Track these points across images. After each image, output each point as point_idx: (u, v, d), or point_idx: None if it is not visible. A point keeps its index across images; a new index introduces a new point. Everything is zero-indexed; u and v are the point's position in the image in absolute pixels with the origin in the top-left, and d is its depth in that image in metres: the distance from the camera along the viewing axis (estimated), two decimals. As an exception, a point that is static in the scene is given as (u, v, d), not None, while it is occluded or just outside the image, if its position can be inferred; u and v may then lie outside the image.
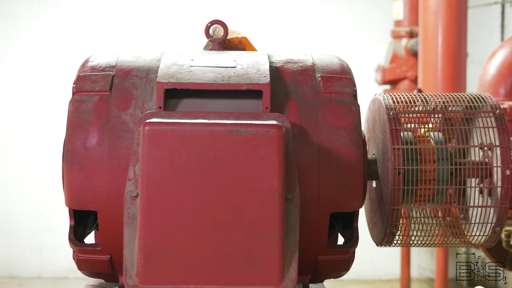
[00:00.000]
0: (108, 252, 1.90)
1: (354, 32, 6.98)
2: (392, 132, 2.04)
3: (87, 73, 1.95)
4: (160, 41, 7.07)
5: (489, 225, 2.08)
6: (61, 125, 7.02)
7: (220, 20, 2.16)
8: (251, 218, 1.57)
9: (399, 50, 5.87)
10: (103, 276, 2.05)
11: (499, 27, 6.97)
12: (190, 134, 1.56)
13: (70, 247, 1.99)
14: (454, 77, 4.77)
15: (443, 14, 4.76)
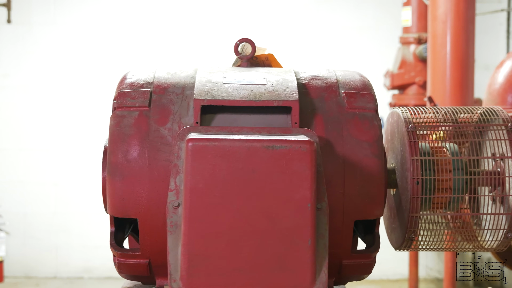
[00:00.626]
0: (147, 256, 2.04)
1: (363, 37, 7.12)
2: (411, 144, 2.18)
3: (127, 90, 2.08)
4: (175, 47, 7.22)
5: (502, 231, 2.22)
6: (76, 129, 7.23)
7: (248, 38, 2.31)
8: (285, 226, 1.71)
9: (408, 56, 6.01)
10: (141, 279, 2.19)
11: (504, 32, 7.11)
12: (230, 150, 1.71)
13: (112, 252, 2.12)
14: (462, 83, 4.91)
15: (451, 22, 4.89)
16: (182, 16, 7.25)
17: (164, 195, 1.96)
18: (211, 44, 7.20)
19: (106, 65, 7.17)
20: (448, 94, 4.87)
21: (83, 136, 7.21)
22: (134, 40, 7.21)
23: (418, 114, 2.28)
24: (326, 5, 7.17)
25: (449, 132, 2.31)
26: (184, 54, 7.20)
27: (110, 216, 2.09)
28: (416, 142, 2.19)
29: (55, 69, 7.16)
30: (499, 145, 2.25)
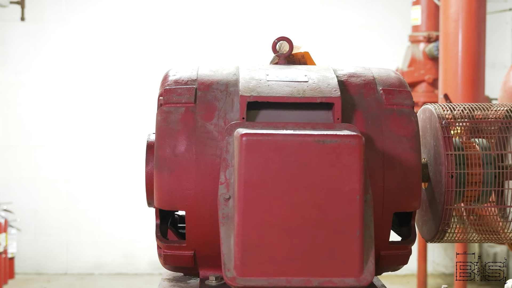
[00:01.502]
0: (192, 248, 2.11)
1: (372, 35, 7.21)
2: (445, 139, 2.26)
3: (172, 87, 2.15)
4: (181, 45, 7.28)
5: (530, 224, 2.30)
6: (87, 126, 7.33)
7: (286, 37, 2.38)
8: (335, 217, 1.78)
9: (417, 54, 6.10)
10: (184, 270, 2.26)
11: (510, 31, 7.20)
12: (283, 144, 1.78)
13: (157, 244, 2.19)
14: (473, 81, 5.00)
15: (463, 21, 4.98)
16: (186, 15, 7.35)
17: (211, 188, 2.03)
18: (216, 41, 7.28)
19: (117, 63, 7.25)
20: (460, 92, 4.96)
21: (94, 133, 7.28)
22: (144, 39, 7.28)
23: (449, 110, 2.36)
24: (336, 3, 7.25)
25: (478, 128, 2.38)
26: (193, 53, 7.27)
27: (156, 209, 2.17)
28: (450, 137, 2.26)
29: (66, 67, 7.23)
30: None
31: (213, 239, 2.08)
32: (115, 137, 7.27)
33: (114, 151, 7.30)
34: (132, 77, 7.27)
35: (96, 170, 7.25)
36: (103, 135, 7.26)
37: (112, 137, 7.28)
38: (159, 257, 2.22)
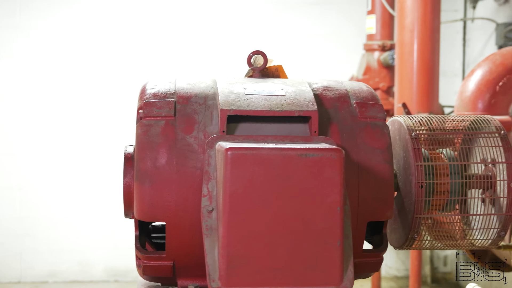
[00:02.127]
0: (172, 258, 2.15)
1: (328, 44, 7.33)
2: (415, 150, 2.35)
3: (151, 100, 2.18)
4: (142, 53, 7.28)
5: (495, 230, 2.40)
6: (41, 133, 7.26)
7: (261, 50, 2.44)
8: (317, 228, 1.85)
9: (372, 62, 6.23)
10: (163, 280, 2.29)
11: (461, 40, 7.41)
12: (267, 158, 1.83)
13: (136, 255, 2.22)
14: (428, 90, 5.14)
15: (418, 31, 5.12)
16: (157, 24, 7.33)
17: (192, 200, 2.07)
18: (176, 51, 7.31)
19: (70, 71, 7.20)
20: (415, 100, 5.10)
21: (48, 140, 7.21)
22: (98, 45, 7.25)
23: (418, 122, 2.45)
24: (292, 12, 7.35)
25: (445, 139, 2.48)
26: (159, 61, 7.28)
27: (135, 220, 2.19)
28: (420, 148, 2.36)
29: (20, 73, 7.15)
30: (490, 151, 2.44)
31: (193, 250, 2.13)
32: (69, 144, 7.22)
33: (68, 158, 7.24)
34: (86, 84, 7.23)
35: (51, 177, 7.18)
36: (57, 142, 7.20)
37: (66, 144, 7.22)
38: (138, 267, 2.25)
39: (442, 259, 7.70)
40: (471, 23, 7.11)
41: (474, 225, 2.48)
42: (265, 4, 7.38)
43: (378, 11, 6.26)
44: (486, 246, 2.48)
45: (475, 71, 4.27)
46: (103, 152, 7.26)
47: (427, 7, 5.10)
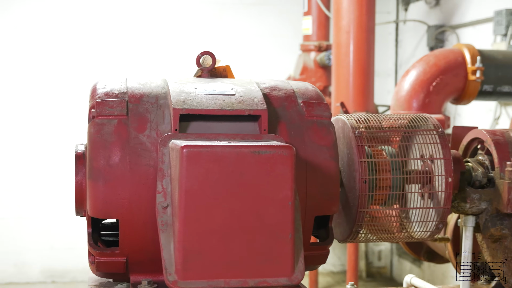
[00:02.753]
0: (125, 254, 2.19)
1: (265, 44, 7.44)
2: (359, 147, 2.45)
3: (104, 99, 2.22)
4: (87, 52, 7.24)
5: (434, 223, 2.53)
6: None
7: (209, 51, 2.50)
8: (269, 222, 1.92)
9: (309, 62, 6.36)
10: (115, 276, 2.33)
11: (393, 41, 7.63)
12: (222, 155, 1.89)
13: (89, 252, 2.25)
14: (364, 90, 5.30)
15: (354, 33, 5.27)
16: (105, 25, 7.32)
17: (145, 197, 2.12)
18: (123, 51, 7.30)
19: (21, 69, 7.12)
20: (351, 100, 5.25)
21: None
22: (47, 47, 7.19)
23: (360, 121, 2.56)
24: (231, 13, 7.42)
25: (386, 137, 2.59)
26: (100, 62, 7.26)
27: (88, 217, 2.22)
28: (363, 146, 2.46)
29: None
30: (428, 148, 2.56)
31: (145, 246, 2.17)
32: (2, 144, 7.12)
33: (1, 159, 7.13)
34: (34, 84, 7.15)
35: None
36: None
37: (5, 144, 7.12)
38: (91, 264, 2.27)
39: (377, 254, 7.91)
40: (403, 25, 7.32)
41: (413, 219, 2.60)
42: (204, 4, 7.43)
43: (314, 12, 6.39)
44: (424, 238, 2.61)
45: (410, 72, 4.43)
46: (39, 153, 7.17)
47: (362, 9, 5.25)
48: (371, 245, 7.86)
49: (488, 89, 4.44)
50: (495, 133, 2.68)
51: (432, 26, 6.52)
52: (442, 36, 6.43)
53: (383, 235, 2.58)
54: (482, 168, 2.65)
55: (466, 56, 4.43)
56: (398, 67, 7.57)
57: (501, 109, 5.56)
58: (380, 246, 7.88)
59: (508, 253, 2.62)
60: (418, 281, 3.13)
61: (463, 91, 4.45)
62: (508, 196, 2.52)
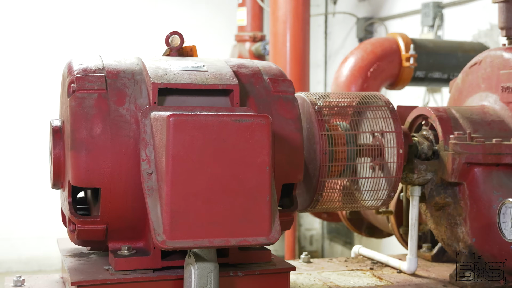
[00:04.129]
0: (105, 222, 2.30)
1: (199, 34, 7.55)
2: (319, 121, 2.64)
3: (83, 74, 2.32)
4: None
5: (385, 191, 2.74)
6: None
7: (177, 31, 2.64)
8: (249, 185, 2.07)
9: (244, 52, 6.54)
10: (93, 244, 2.44)
11: (323, 34, 7.89)
12: (206, 123, 2.03)
13: (69, 220, 2.35)
14: (301, 78, 5.51)
15: (291, 23, 5.47)
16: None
17: (125, 167, 2.24)
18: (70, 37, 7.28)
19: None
20: (289, 87, 5.43)
21: None
22: None
23: (318, 98, 2.75)
24: (164, 3, 7.50)
25: (342, 112, 2.79)
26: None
27: (69, 187, 2.32)
28: (323, 120, 2.65)
29: None
30: (378, 123, 2.76)
31: (125, 213, 2.30)
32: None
33: None
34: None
35: None
36: None
37: None
38: (70, 232, 2.37)
39: (308, 239, 8.16)
40: (332, 18, 7.59)
41: (367, 188, 2.79)
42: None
43: (248, 3, 6.57)
44: (377, 206, 2.82)
45: (348, 58, 4.67)
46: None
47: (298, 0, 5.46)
48: (303, 230, 8.11)
49: (420, 75, 4.73)
50: (439, 109, 2.92)
51: (361, 19, 6.80)
52: (371, 28, 6.72)
53: (339, 204, 2.78)
54: (427, 142, 2.89)
55: (400, 44, 4.70)
56: (328, 58, 7.83)
57: (429, 96, 5.89)
58: (312, 231, 8.14)
59: (451, 219, 2.86)
60: (365, 250, 3.34)
61: (398, 77, 4.72)
62: (452, 166, 2.75)
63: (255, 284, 2.38)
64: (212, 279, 2.15)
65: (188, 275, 2.15)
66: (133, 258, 2.28)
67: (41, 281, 2.75)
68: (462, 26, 5.44)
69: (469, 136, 2.76)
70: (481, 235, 2.76)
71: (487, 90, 3.03)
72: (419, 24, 5.77)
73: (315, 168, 2.65)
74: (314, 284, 2.78)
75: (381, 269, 3.08)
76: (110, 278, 2.24)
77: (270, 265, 2.43)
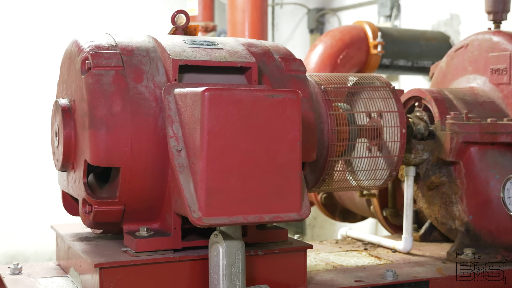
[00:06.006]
0: (123, 203, 2.24)
1: (149, 24, 7.43)
2: (326, 101, 2.65)
3: (97, 51, 2.25)
4: None
5: (387, 171, 2.77)
6: None
7: (183, 10, 2.60)
8: (281, 161, 2.06)
9: (196, 42, 6.47)
10: (107, 226, 2.36)
11: (270, 25, 7.91)
12: (240, 98, 2.00)
13: (85, 201, 2.27)
14: (260, 67, 5.49)
15: (249, 12, 5.46)
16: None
17: (146, 145, 2.19)
18: None
19: None
20: (248, 76, 5.43)
21: None
22: None
23: (321, 79, 2.76)
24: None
25: (343, 92, 2.81)
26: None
27: (85, 168, 2.24)
28: (330, 100, 2.66)
29: None
30: (375, 103, 2.79)
31: (143, 194, 2.24)
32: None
33: None
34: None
35: None
36: None
37: None
38: (85, 214, 2.28)
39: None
40: (280, 9, 7.62)
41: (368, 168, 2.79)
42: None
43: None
44: (379, 186, 2.84)
45: (317, 46, 4.70)
46: None
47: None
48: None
49: (386, 63, 4.82)
50: (432, 91, 2.99)
51: (312, 10, 6.86)
52: (322, 18, 6.78)
53: (344, 184, 2.80)
54: (423, 122, 2.94)
55: (367, 31, 4.77)
56: (274, 50, 7.84)
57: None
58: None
59: (446, 198, 2.93)
60: (354, 232, 3.38)
61: (365, 64, 4.79)
62: (450, 146, 2.82)
63: (274, 263, 2.37)
64: (240, 257, 2.12)
65: (215, 253, 2.12)
66: (154, 239, 2.23)
67: (38, 268, 2.66)
68: (419, 16, 5.57)
69: (466, 116, 2.84)
70: (478, 212, 2.84)
71: (475, 73, 3.11)
72: (376, 14, 5.86)
73: (322, 148, 2.65)
74: (317, 265, 2.79)
75: (375, 249, 3.12)
76: (132, 260, 2.18)
77: (287, 244, 2.42)
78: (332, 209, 4.14)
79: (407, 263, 2.83)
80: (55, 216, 6.70)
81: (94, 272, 2.18)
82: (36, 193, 6.94)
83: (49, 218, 6.90)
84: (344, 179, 2.77)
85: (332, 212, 4.15)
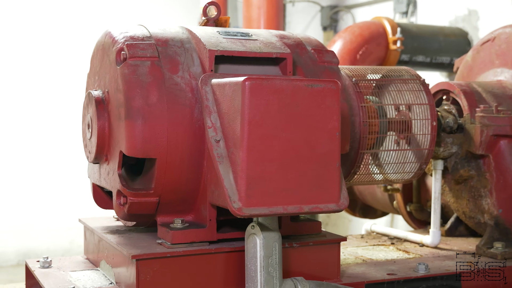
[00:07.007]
0: (158, 194, 2.22)
1: (162, 20, 7.43)
2: (358, 94, 2.63)
3: (132, 42, 2.24)
4: None
5: (417, 164, 2.75)
6: None
7: (214, 1, 2.58)
8: (320, 151, 2.04)
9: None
10: (141, 218, 2.35)
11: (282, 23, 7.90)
12: (280, 87, 1.99)
13: (119, 193, 2.25)
14: (275, 63, 5.48)
15: (265, 8, 5.45)
16: None
17: (182, 136, 2.18)
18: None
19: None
20: (264, 73, 5.41)
21: None
22: None
23: (351, 71, 2.75)
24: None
25: (380, 85, 2.79)
26: None
27: (120, 159, 2.23)
28: (362, 92, 2.65)
29: None
30: (404, 96, 2.77)
31: (179, 185, 2.23)
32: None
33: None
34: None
35: None
36: None
37: None
38: (119, 206, 2.27)
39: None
40: (292, 7, 7.60)
41: (399, 161, 2.77)
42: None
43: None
44: (408, 179, 2.83)
45: (336, 41, 4.69)
46: None
47: (273, -14, 5.44)
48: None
49: (405, 59, 4.81)
50: (461, 84, 2.97)
51: (326, 7, 6.84)
52: (336, 16, 6.77)
53: (373, 178, 2.78)
54: (452, 116, 2.93)
55: (386, 27, 4.76)
56: (286, 47, 7.82)
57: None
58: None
59: (475, 192, 2.91)
60: (379, 227, 3.37)
61: (384, 60, 4.78)
62: (480, 139, 2.80)
63: (308, 255, 2.35)
64: (277, 248, 2.11)
65: (252, 245, 2.10)
66: (190, 231, 2.21)
67: (67, 262, 2.65)
68: (436, 12, 5.54)
69: (496, 109, 2.82)
70: (508, 206, 2.82)
71: (503, 66, 3.09)
72: (391, 11, 5.85)
73: (353, 140, 2.63)
74: (347, 258, 2.78)
75: (402, 244, 3.10)
76: (169, 251, 2.16)
77: (321, 236, 2.41)
78: (352, 205, 4.13)
79: (436, 257, 2.82)
80: (67, 214, 6.71)
81: (129, 264, 2.17)
82: (48, 191, 6.93)
83: (61, 215, 6.92)
84: (374, 173, 2.75)
85: (353, 208, 4.14)
